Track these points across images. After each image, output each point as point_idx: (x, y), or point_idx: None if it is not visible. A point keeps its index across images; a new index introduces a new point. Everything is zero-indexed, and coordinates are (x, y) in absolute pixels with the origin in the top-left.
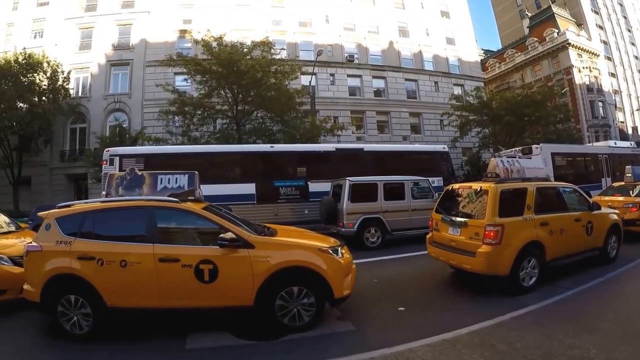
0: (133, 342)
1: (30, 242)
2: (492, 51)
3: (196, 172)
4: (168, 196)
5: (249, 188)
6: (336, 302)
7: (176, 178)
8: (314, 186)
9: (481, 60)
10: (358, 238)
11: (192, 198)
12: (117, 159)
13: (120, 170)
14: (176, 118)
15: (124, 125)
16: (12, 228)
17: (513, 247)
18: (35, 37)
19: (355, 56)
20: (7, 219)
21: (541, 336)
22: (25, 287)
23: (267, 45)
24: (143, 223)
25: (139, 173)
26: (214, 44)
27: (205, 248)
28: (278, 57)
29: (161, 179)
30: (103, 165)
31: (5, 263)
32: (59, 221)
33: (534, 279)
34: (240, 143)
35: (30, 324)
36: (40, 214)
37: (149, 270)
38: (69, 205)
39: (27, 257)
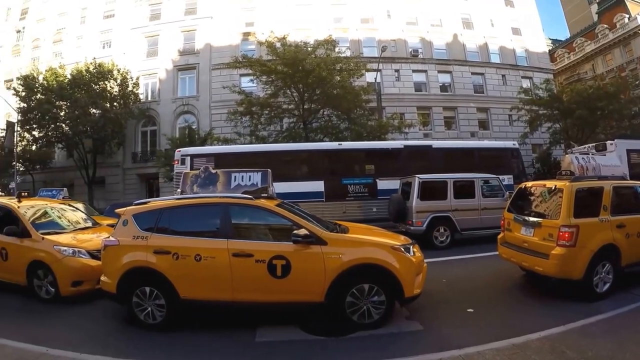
0: (204, 333)
1: (108, 237)
2: (560, 40)
3: (269, 169)
4: (242, 193)
5: (318, 186)
6: (406, 301)
7: (249, 176)
8: (382, 184)
9: (549, 50)
10: (427, 237)
11: (266, 195)
12: (188, 159)
13: (192, 169)
14: (244, 118)
15: (193, 127)
16: (89, 224)
17: (588, 250)
18: (104, 47)
19: (420, 51)
20: (84, 215)
21: (614, 346)
22: (102, 278)
23: (330, 43)
24: (218, 219)
25: (213, 171)
26: (278, 45)
27: (279, 244)
28: (343, 55)
29: (235, 176)
30: (175, 165)
31: (84, 256)
32: (135, 217)
33: (607, 285)
34: (307, 141)
35: (106, 312)
36: (117, 210)
37: (223, 265)
38: (145, 203)
39: (104, 251)
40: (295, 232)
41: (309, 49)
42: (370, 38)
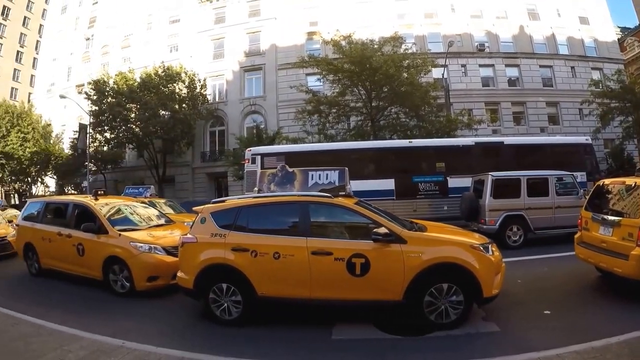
0: (280, 330)
1: (186, 234)
2: (629, 28)
3: (346, 168)
4: (319, 192)
5: (388, 184)
6: (484, 302)
7: (327, 174)
8: (453, 181)
9: (618, 39)
10: (499, 236)
11: (343, 193)
12: (258, 158)
13: (262, 168)
14: (312, 117)
15: (261, 126)
16: (162, 221)
17: None
18: (171, 51)
19: (486, 44)
20: (156, 212)
21: None
22: (179, 274)
23: (396, 40)
24: (297, 217)
25: (290, 170)
26: (344, 43)
27: (358, 242)
28: (410, 51)
29: (312, 175)
30: (245, 164)
31: (159, 253)
32: (213, 215)
33: None
34: (375, 139)
35: (180, 307)
36: (195, 208)
37: (302, 263)
38: (222, 201)
39: (182, 248)
40: (375, 230)
41: (375, 46)
42: (434, 33)
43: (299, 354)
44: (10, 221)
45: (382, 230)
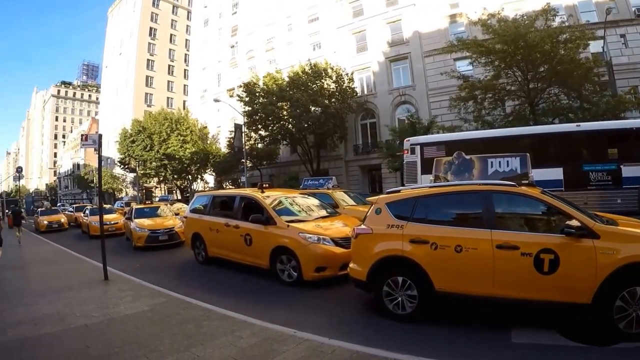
0: (456, 329)
1: (360, 225)
2: None
3: (527, 154)
4: (500, 180)
5: (556, 173)
6: None
7: (507, 161)
8: (629, 170)
9: None
10: None
11: (527, 182)
12: (417, 148)
13: (422, 158)
14: (467, 104)
15: (414, 116)
16: (323, 212)
17: None
18: (314, 49)
19: None
20: (317, 203)
21: None
22: (352, 265)
23: (549, 12)
24: (479, 208)
25: (467, 157)
26: (493, 21)
27: (546, 236)
28: (566, 24)
29: (491, 162)
30: (404, 155)
31: (328, 244)
32: (389, 206)
33: None
34: (535, 124)
35: (349, 299)
36: (369, 199)
37: (486, 257)
38: (397, 191)
39: (356, 239)
40: (567, 223)
41: (527, 21)
42: (585, 2)
43: (481, 357)
44: (176, 214)
45: (575, 222)
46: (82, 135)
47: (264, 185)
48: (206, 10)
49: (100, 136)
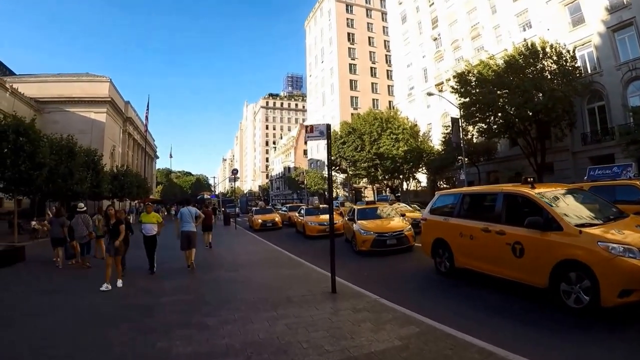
0: None
1: None
2: None
3: None
4: None
5: None
6: None
7: None
8: None
9: None
10: None
11: None
12: None
13: None
14: None
15: None
16: (608, 214)
17: None
18: (524, 29)
19: None
20: (604, 202)
21: None
22: None
23: None
24: None
25: None
26: None
27: None
28: None
29: None
30: None
31: (633, 256)
32: None
33: None
34: None
35: None
36: None
37: None
38: None
39: None
40: None
41: None
42: None
43: None
44: (402, 214)
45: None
46: (306, 127)
47: (528, 179)
48: (402, 6)
49: (328, 126)
